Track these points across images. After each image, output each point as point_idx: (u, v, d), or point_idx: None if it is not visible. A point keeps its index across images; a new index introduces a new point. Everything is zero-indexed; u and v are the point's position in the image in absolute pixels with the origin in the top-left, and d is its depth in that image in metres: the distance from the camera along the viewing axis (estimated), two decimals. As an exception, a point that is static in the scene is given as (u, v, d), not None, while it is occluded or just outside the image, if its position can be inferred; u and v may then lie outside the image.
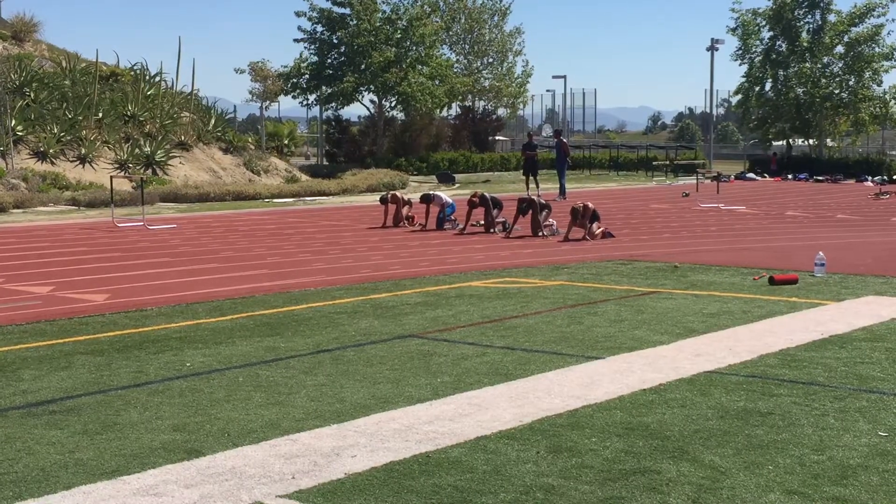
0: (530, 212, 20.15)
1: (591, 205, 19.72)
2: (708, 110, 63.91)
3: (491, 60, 57.64)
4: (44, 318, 11.03)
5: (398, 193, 23.03)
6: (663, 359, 8.92)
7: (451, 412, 7.20)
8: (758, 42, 52.63)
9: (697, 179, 38.77)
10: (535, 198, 21.22)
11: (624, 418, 7.02)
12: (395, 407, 7.35)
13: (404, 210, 21.97)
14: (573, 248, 17.99)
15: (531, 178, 32.10)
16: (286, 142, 45.28)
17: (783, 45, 51.94)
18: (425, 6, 49.38)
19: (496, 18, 57.49)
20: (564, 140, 34.83)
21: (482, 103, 58.51)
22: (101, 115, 33.09)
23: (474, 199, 20.90)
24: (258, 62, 42.43)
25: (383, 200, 22.31)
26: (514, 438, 6.55)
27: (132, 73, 37.96)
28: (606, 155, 56.95)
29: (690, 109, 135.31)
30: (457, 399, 7.57)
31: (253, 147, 37.98)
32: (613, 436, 6.60)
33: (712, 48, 54.10)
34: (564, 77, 63.39)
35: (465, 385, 7.99)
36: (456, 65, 54.74)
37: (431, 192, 22.87)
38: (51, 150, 30.47)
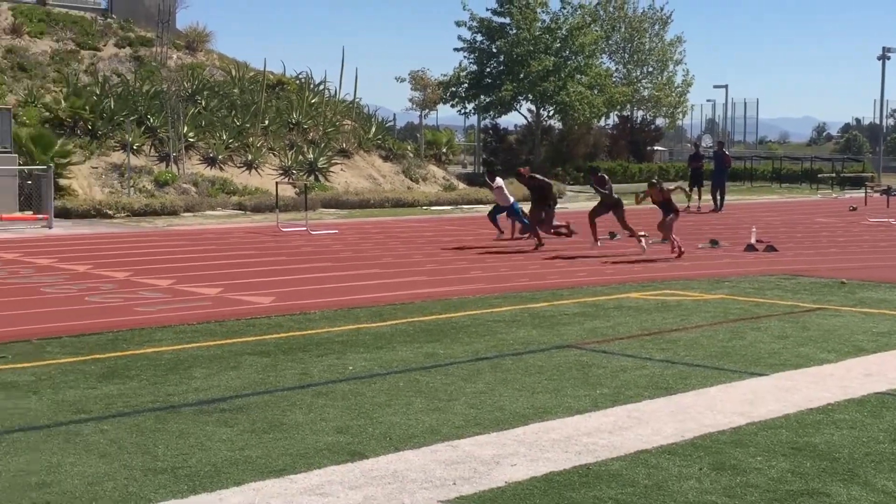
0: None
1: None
2: (877, 121, 61.70)
3: (651, 70, 56.89)
4: (213, 318, 11.44)
5: None
6: (831, 377, 8.67)
7: (611, 424, 7.16)
8: (933, 51, 50.52)
9: (866, 193, 37.45)
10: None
11: (790, 437, 6.84)
12: (554, 417, 7.35)
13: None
14: (734, 262, 17.62)
15: (696, 189, 31.53)
16: (444, 150, 45.64)
17: (960, 54, 49.71)
18: (585, 15, 49.12)
19: (657, 27, 56.75)
20: (726, 152, 34.14)
21: (641, 113, 57.86)
22: (267, 122, 34.09)
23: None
24: (418, 71, 43.15)
25: None
26: (676, 454, 6.46)
27: (297, 81, 38.98)
28: (768, 166, 55.51)
29: (858, 120, 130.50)
30: (616, 411, 7.52)
31: (412, 155, 38.48)
32: (779, 455, 6.44)
33: (884, 57, 52.22)
34: (726, 87, 62.22)
35: (625, 398, 7.94)
36: (615, 74, 54.28)
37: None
38: (219, 156, 31.56)
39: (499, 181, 20.49)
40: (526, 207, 20.07)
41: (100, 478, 5.93)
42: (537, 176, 19.83)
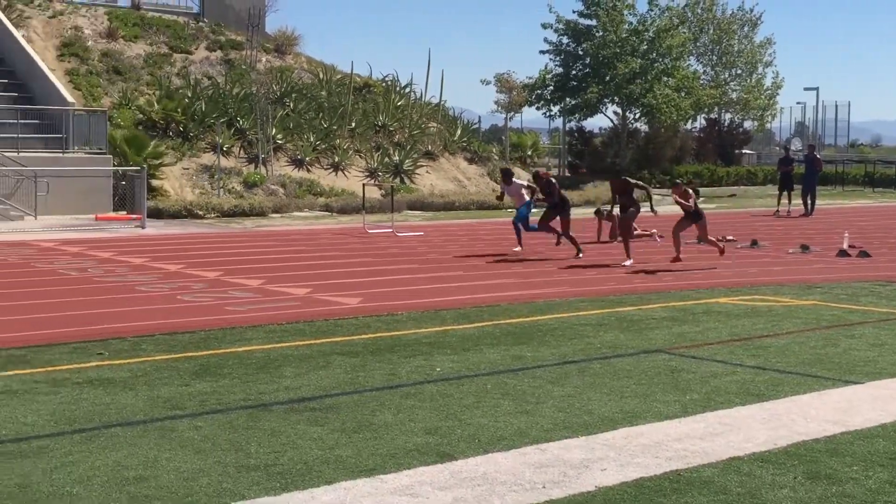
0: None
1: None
2: (975, 124, 59.97)
3: (739, 72, 56.09)
4: (302, 318, 11.58)
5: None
6: (929, 387, 8.46)
7: (702, 431, 7.08)
8: None
9: (962, 198, 36.45)
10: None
11: (887, 447, 6.70)
12: (644, 422, 7.30)
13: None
14: (826, 267, 17.29)
15: (786, 193, 31.02)
16: (529, 152, 45.58)
17: None
18: (673, 17, 48.62)
19: (746, 29, 55.96)
20: (818, 155, 33.52)
21: (729, 116, 57.08)
22: (353, 124, 34.39)
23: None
24: (504, 73, 42.99)
25: (598, 213, 21.88)
26: (769, 461, 6.37)
27: (384, 84, 39.24)
28: (861, 170, 54.29)
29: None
30: (707, 417, 7.44)
31: (497, 157, 38.47)
32: (876, 465, 6.31)
33: (982, 58, 50.70)
34: (817, 89, 61.13)
35: (715, 404, 7.84)
36: (703, 76, 53.63)
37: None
38: (307, 158, 31.93)
39: (518, 183, 19.59)
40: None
41: (195, 473, 6.05)
42: (554, 181, 19.29)
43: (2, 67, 29.97)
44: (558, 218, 18.53)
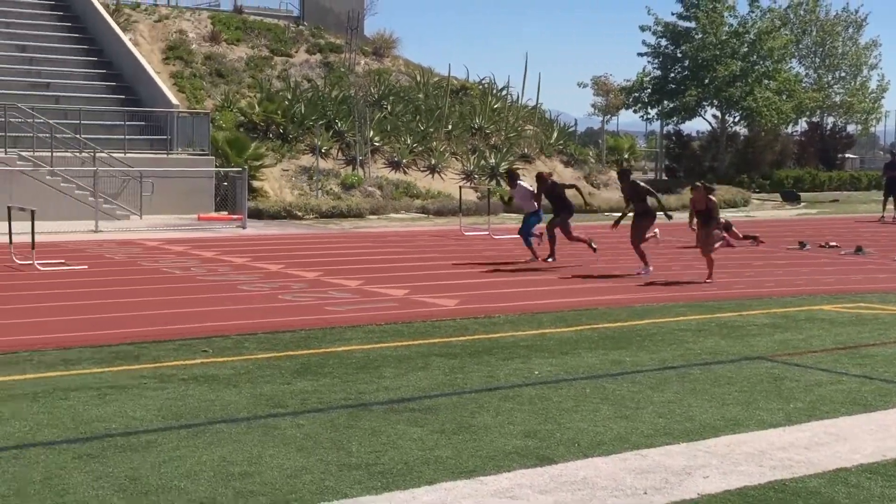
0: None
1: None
2: None
3: (843, 75, 54.87)
4: (400, 319, 11.66)
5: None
6: None
7: (807, 440, 6.96)
8: None
9: None
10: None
11: None
12: (747, 430, 7.20)
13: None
14: (934, 275, 16.81)
15: (891, 198, 30.25)
16: (626, 156, 45.24)
17: None
18: (775, 19, 47.78)
19: (850, 30, 54.71)
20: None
21: (831, 119, 55.85)
22: (450, 127, 34.51)
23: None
24: (601, 76, 42.77)
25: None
26: (878, 473, 6.23)
27: (480, 86, 39.31)
28: (970, 175, 52.67)
29: None
30: (812, 427, 7.31)
31: (593, 160, 38.29)
32: None
33: None
34: (924, 91, 59.36)
35: (820, 413, 7.70)
36: (805, 79, 52.59)
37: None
38: (404, 160, 32.15)
39: (523, 185, 18.83)
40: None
41: (298, 471, 6.14)
42: (559, 183, 18.74)
43: (110, 70, 30.81)
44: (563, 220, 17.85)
